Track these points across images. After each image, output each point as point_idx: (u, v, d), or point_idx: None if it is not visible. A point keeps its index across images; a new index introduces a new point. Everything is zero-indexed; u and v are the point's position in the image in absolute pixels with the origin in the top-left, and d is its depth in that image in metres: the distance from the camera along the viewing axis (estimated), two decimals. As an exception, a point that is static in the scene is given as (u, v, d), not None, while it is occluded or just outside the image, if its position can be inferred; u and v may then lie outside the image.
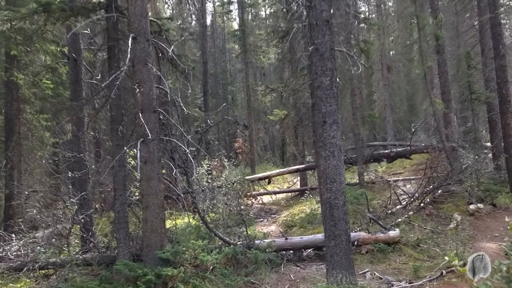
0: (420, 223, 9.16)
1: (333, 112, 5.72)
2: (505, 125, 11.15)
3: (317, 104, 5.78)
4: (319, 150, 5.77)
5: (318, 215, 10.69)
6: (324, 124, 5.70)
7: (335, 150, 5.66)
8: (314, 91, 5.84)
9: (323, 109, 5.71)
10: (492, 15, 10.90)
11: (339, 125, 5.76)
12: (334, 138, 5.68)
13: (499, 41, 11.13)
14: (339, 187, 5.64)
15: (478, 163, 11.41)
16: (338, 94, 5.89)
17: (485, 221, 9.51)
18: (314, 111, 5.86)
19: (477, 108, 12.91)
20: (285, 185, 19.58)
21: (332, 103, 5.71)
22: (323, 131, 5.70)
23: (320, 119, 5.74)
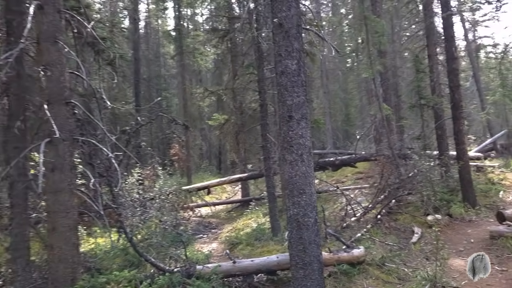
0: (380, 237, 8.23)
1: (301, 104, 4.49)
2: (457, 131, 10.70)
3: (281, 95, 4.53)
4: (284, 153, 4.51)
5: (266, 230, 9.45)
6: (290, 120, 4.45)
7: (304, 153, 4.43)
8: (278, 78, 4.59)
9: (289, 101, 4.47)
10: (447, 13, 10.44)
11: (308, 122, 4.55)
12: (303, 138, 4.45)
13: (452, 44, 10.72)
14: (310, 200, 4.41)
15: (432, 171, 10.88)
16: (307, 83, 4.67)
17: (446, 233, 8.82)
18: (278, 103, 4.60)
19: (426, 114, 12.47)
20: (224, 196, 18.22)
21: (300, 93, 4.49)
22: (289, 128, 4.45)
23: (285, 113, 4.49)
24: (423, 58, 12.98)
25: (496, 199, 11.11)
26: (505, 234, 7.61)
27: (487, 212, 10.27)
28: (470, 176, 10.75)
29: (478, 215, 10.03)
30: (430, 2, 12.44)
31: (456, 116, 10.67)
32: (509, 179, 12.81)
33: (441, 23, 11.22)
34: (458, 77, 10.71)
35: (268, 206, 9.36)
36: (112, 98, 12.03)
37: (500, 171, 14.33)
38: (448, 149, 12.74)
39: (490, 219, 9.84)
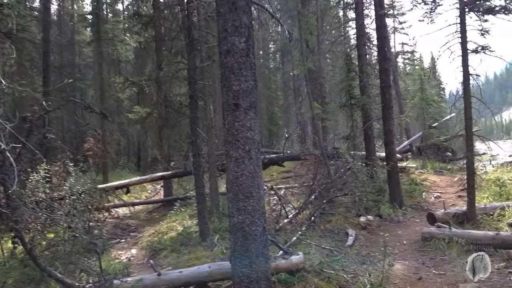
0: (316, 241, 7.80)
1: (250, 91, 3.77)
2: (387, 131, 10.72)
3: (227, 78, 3.76)
4: (228, 148, 3.74)
5: (193, 234, 8.60)
6: (236, 109, 3.71)
7: (252, 149, 3.72)
8: (222, 58, 3.81)
9: (235, 86, 3.72)
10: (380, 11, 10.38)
11: (257, 112, 3.85)
12: (251, 131, 3.74)
13: (385, 44, 10.73)
14: (258, 205, 3.70)
15: (362, 171, 10.81)
16: (255, 67, 3.96)
17: (379, 235, 8.60)
18: (223, 88, 3.83)
19: (356, 114, 12.48)
20: (144, 195, 16.93)
21: (249, 77, 3.77)
22: (235, 119, 3.71)
23: (230, 100, 3.73)
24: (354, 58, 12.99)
25: (420, 200, 11.36)
26: (437, 235, 7.57)
27: (413, 212, 10.42)
28: (398, 176, 10.85)
29: (405, 216, 10.11)
30: (362, 1, 12.43)
31: (386, 116, 10.69)
32: (430, 180, 13.28)
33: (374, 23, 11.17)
34: (390, 77, 10.76)
35: (197, 208, 8.52)
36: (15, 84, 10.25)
37: (419, 172, 14.89)
38: (375, 149, 12.88)
39: (417, 220, 9.96)
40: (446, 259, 6.93)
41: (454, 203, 10.69)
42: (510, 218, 8.29)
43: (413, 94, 18.53)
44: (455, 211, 8.51)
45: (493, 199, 9.55)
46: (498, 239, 6.83)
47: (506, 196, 9.64)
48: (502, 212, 8.49)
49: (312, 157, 12.09)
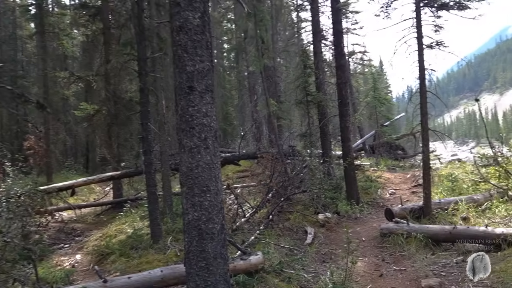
0: (275, 240, 7.49)
1: (206, 72, 3.38)
2: (344, 128, 10.66)
3: (179, 58, 3.35)
4: (181, 136, 3.33)
5: (145, 237, 8.03)
6: (190, 92, 3.30)
7: (208, 137, 3.32)
8: (174, 36, 3.39)
9: (190, 66, 3.31)
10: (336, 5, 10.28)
11: (214, 96, 3.46)
12: (208, 117, 3.34)
13: (341, 39, 10.65)
14: (215, 200, 3.31)
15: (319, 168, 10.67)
16: (212, 47, 3.58)
17: (337, 232, 8.52)
18: (175, 70, 3.41)
19: (312, 112, 12.35)
20: (92, 197, 15.98)
21: (205, 58, 3.37)
22: (189, 103, 3.30)
23: (183, 83, 3.32)
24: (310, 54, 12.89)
25: (376, 196, 11.41)
26: (395, 231, 7.51)
27: (369, 209, 10.41)
28: (355, 173, 10.82)
29: (362, 212, 10.07)
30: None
31: (343, 113, 10.61)
32: (384, 177, 13.42)
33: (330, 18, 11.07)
34: (346, 73, 10.69)
35: (148, 208, 7.97)
36: None
37: (373, 169, 15.07)
38: (331, 147, 12.84)
39: (373, 216, 9.96)
40: (406, 255, 6.86)
41: (409, 199, 10.80)
42: (464, 212, 8.41)
43: (366, 93, 18.81)
44: (412, 207, 8.52)
45: (447, 194, 9.70)
46: (454, 233, 6.85)
47: (458, 191, 9.83)
48: (456, 206, 8.61)
49: (269, 155, 11.80)
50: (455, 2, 7.77)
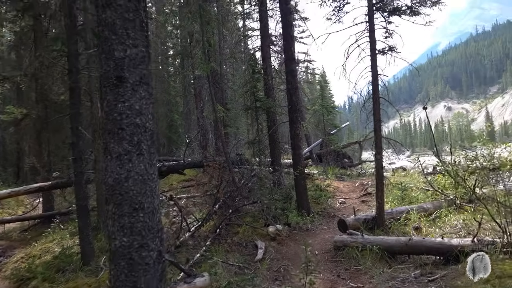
0: (223, 257, 6.83)
1: (140, 60, 2.70)
2: (294, 135, 10.25)
3: (106, 41, 2.64)
4: (108, 140, 2.61)
5: (74, 257, 7.06)
6: (119, 84, 2.60)
7: (143, 141, 2.63)
8: (100, 13, 2.69)
9: (119, 52, 2.62)
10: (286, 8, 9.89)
11: (151, 90, 2.78)
12: (142, 116, 2.66)
13: (291, 43, 10.28)
14: (151, 221, 2.61)
15: (268, 178, 10.17)
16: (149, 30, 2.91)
17: (289, 245, 8.01)
18: (100, 55, 2.70)
19: (261, 118, 11.86)
20: (21, 210, 14.43)
21: (139, 42, 2.70)
22: (117, 98, 2.60)
23: (110, 72, 2.62)
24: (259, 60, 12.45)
25: (326, 206, 11.09)
26: (350, 244, 7.12)
27: (320, 219, 10.04)
28: (305, 182, 10.43)
29: (313, 223, 9.67)
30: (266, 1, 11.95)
31: (293, 119, 10.20)
32: (333, 186, 13.20)
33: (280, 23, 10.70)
34: (296, 78, 10.31)
35: (78, 224, 7.01)
36: None
37: (322, 178, 14.85)
38: (281, 154, 12.42)
39: (325, 227, 9.58)
40: (362, 269, 6.46)
41: (359, 208, 10.56)
42: (415, 222, 8.24)
43: (314, 102, 18.73)
44: (365, 217, 8.22)
45: (398, 203, 9.55)
46: (411, 245, 6.57)
47: (408, 200, 9.72)
48: (407, 216, 8.42)
49: (215, 163, 11.14)
50: (408, 7, 7.62)
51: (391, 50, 7.92)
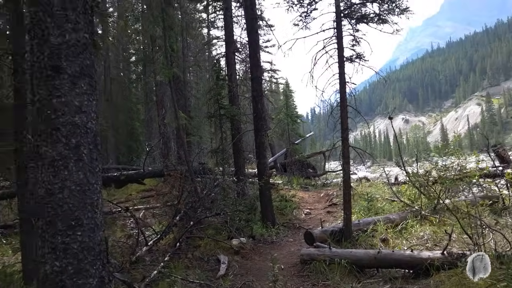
0: (182, 273, 6.33)
1: (82, 47, 2.26)
2: (259, 144, 9.92)
3: (39, 24, 2.19)
4: (39, 142, 2.15)
5: (15, 276, 6.33)
6: (55, 76, 2.15)
7: (83, 144, 2.19)
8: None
9: (55, 37, 2.18)
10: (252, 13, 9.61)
11: (94, 84, 2.34)
12: (83, 114, 2.21)
13: (256, 49, 9.99)
14: (91, 241, 2.16)
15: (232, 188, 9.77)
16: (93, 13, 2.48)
17: (254, 260, 7.61)
18: (32, 41, 2.24)
19: (225, 126, 11.47)
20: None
21: (81, 25, 2.26)
22: (53, 92, 2.15)
23: (44, 60, 2.17)
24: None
25: (292, 217, 10.79)
26: (317, 257, 6.79)
27: (286, 231, 9.71)
28: (270, 193, 10.09)
29: (278, 235, 9.32)
30: (231, 7, 11.66)
31: (258, 127, 9.87)
32: (298, 196, 12.95)
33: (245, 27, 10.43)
34: (262, 85, 10.02)
35: (20, 239, 6.30)
36: None
37: (286, 188, 14.60)
38: (245, 164, 12.05)
39: (290, 239, 9.26)
40: (330, 284, 6.14)
41: (325, 219, 10.34)
42: (382, 233, 8.06)
43: (278, 111, 18.56)
44: (332, 229, 7.94)
45: (364, 214, 9.38)
46: (380, 258, 6.34)
47: (374, 211, 9.57)
48: (374, 227, 8.24)
49: (177, 173, 10.63)
50: (376, 14, 7.50)
51: (359, 58, 7.77)
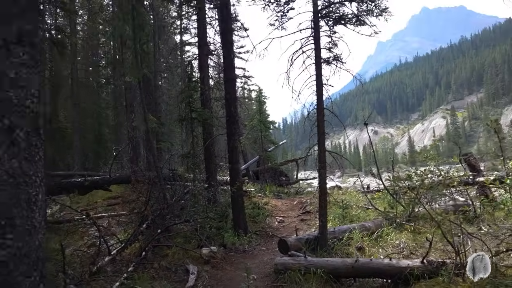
0: (148, 285, 5.84)
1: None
2: (232, 148, 9.54)
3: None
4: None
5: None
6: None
7: (17, 126, 1.76)
8: None
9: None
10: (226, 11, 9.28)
11: (37, 55, 1.92)
12: (22, 89, 1.79)
13: (230, 50, 9.65)
14: (27, 248, 1.72)
15: (203, 195, 9.33)
16: None
17: (225, 269, 7.18)
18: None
19: (197, 131, 11.03)
20: None
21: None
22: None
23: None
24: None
25: (264, 225, 10.44)
26: (292, 266, 6.44)
27: (258, 239, 9.34)
28: (243, 200, 9.70)
29: (251, 244, 8.93)
30: (204, 5, 11.29)
31: (231, 131, 9.50)
32: (271, 204, 12.61)
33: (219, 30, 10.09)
34: (235, 88, 9.67)
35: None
36: None
37: (259, 195, 14.24)
38: (217, 170, 11.63)
39: (263, 248, 8.89)
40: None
41: (299, 227, 9.99)
42: (358, 242, 7.82)
43: (252, 117, 18.24)
44: (308, 237, 7.63)
45: (339, 222, 9.13)
46: (357, 267, 6.04)
47: (349, 219, 9.34)
48: (350, 235, 7.99)
49: (145, 179, 10.11)
50: (354, 15, 7.32)
51: (336, 60, 7.56)
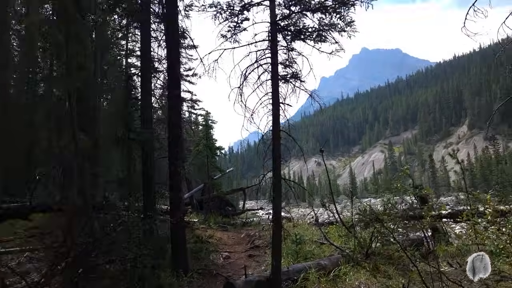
0: None
1: None
2: (174, 173, 8.37)
3: None
4: None
5: None
6: None
7: None
8: None
9: None
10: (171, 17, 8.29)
11: None
12: None
13: (176, 65, 8.62)
14: None
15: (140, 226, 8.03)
16: None
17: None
18: None
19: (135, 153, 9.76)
20: None
21: None
22: None
23: None
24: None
25: (208, 262, 9.24)
26: (241, 316, 5.35)
27: (200, 280, 8.12)
28: (184, 233, 8.50)
29: (191, 285, 7.72)
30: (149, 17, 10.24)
31: (174, 154, 8.37)
32: (216, 237, 11.42)
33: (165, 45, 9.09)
34: (180, 106, 8.61)
35: None
36: None
37: (203, 227, 13.01)
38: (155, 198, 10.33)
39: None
40: None
41: (246, 265, 8.90)
42: (315, 283, 6.89)
43: (198, 142, 17.09)
44: (258, 279, 6.57)
45: (292, 259, 8.17)
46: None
47: (303, 255, 8.41)
48: (305, 275, 7.05)
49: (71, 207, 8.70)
50: (315, 29, 6.62)
51: (294, 78, 6.80)
